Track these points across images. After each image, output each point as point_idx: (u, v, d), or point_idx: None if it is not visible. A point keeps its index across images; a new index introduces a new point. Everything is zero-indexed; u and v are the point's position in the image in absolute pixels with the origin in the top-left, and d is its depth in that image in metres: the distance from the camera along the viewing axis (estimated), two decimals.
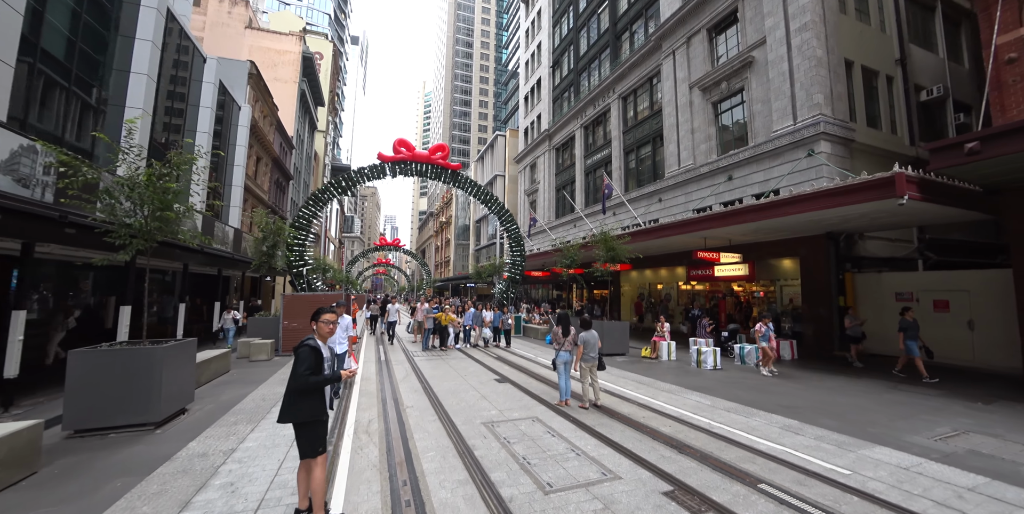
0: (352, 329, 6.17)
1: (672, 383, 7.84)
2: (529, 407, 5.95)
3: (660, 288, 20.11)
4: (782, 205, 9.59)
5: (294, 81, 35.01)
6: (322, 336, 3.15)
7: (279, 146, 29.42)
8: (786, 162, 13.40)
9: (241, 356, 10.18)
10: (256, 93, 23.73)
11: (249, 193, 22.57)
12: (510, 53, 62.18)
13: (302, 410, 2.89)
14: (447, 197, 69.22)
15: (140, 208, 5.26)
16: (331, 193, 16.16)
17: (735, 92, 15.80)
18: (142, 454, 4.13)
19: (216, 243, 11.50)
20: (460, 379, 7.88)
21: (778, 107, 13.76)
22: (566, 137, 29.23)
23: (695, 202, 17.07)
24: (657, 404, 6.24)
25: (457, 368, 9.04)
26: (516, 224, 19.08)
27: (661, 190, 19.20)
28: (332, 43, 54.29)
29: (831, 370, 9.48)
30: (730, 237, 13.62)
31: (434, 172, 17.76)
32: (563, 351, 6.03)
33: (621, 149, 22.95)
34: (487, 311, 12.92)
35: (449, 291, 53.30)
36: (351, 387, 7.11)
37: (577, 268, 15.31)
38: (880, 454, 4.28)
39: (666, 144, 19.13)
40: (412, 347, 12.49)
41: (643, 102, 21.87)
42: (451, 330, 12.22)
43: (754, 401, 6.53)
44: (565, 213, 29.00)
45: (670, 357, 11.18)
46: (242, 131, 21.17)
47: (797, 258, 12.99)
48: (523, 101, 38.36)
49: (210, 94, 17.04)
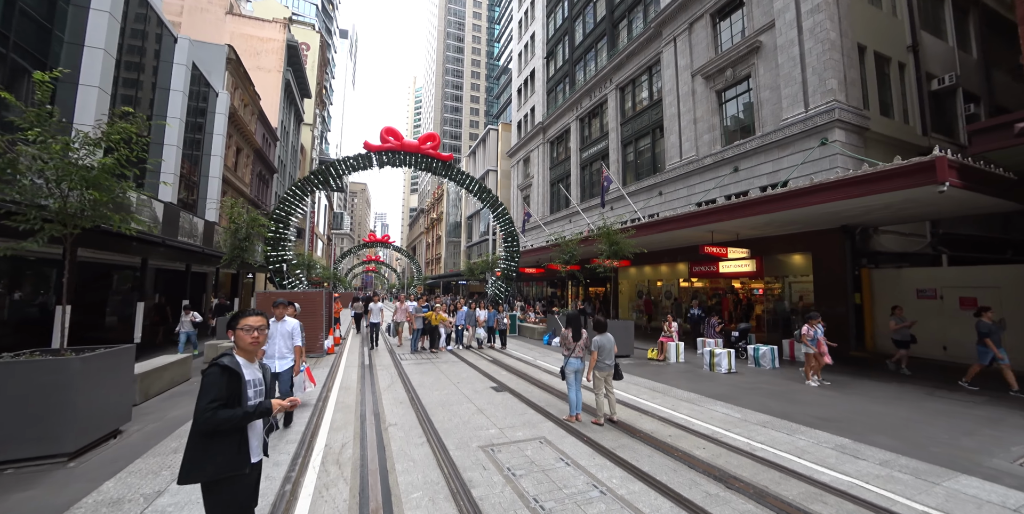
0: (299, 338, 4.94)
1: (689, 390, 7.03)
2: (534, 424, 5.08)
3: (660, 285, 19.39)
4: (803, 194, 8.82)
5: (278, 70, 33.57)
6: (244, 350, 2.24)
7: (262, 137, 28.08)
8: (797, 152, 12.69)
9: (207, 361, 9.13)
10: (235, 80, 22.41)
11: (228, 185, 21.33)
12: (502, 46, 61.09)
13: (206, 465, 1.95)
14: (438, 193, 68.01)
15: (56, 186, 4.25)
16: (314, 184, 15.10)
17: (740, 79, 15.05)
18: (30, 503, 3.13)
19: (182, 236, 10.41)
20: (452, 387, 6.98)
21: (788, 94, 13.03)
22: (561, 130, 28.35)
23: (698, 195, 16.33)
24: (681, 418, 5.41)
25: (449, 374, 8.14)
26: (511, 218, 18.17)
27: (661, 183, 18.44)
28: (319, 34, 52.67)
29: (853, 373, 8.77)
30: (738, 231, 12.90)
31: (424, 163, 16.76)
32: (573, 358, 5.17)
33: (619, 141, 22.15)
34: (481, 310, 12.01)
35: (440, 288, 52.26)
36: (326, 400, 6.16)
37: (574, 265, 14.49)
38: (971, 487, 3.50)
39: (667, 135, 18.36)
40: (401, 350, 11.55)
41: (642, 92, 21.07)
42: (442, 330, 11.29)
43: (787, 413, 5.75)
44: (560, 208, 28.16)
45: (679, 359, 10.41)
46: (219, 119, 19.92)
47: (809, 253, 12.30)
48: (516, 94, 37.38)
49: (182, 77, 15.79)
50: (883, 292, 11.04)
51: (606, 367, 5.11)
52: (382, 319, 11.55)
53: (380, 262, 57.29)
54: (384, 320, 11.81)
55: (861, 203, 8.62)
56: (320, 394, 6.44)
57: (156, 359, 7.18)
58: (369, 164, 16.02)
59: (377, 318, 11.68)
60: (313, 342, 10.02)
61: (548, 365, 9.42)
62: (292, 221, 14.57)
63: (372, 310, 11.83)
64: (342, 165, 15.60)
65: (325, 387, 6.89)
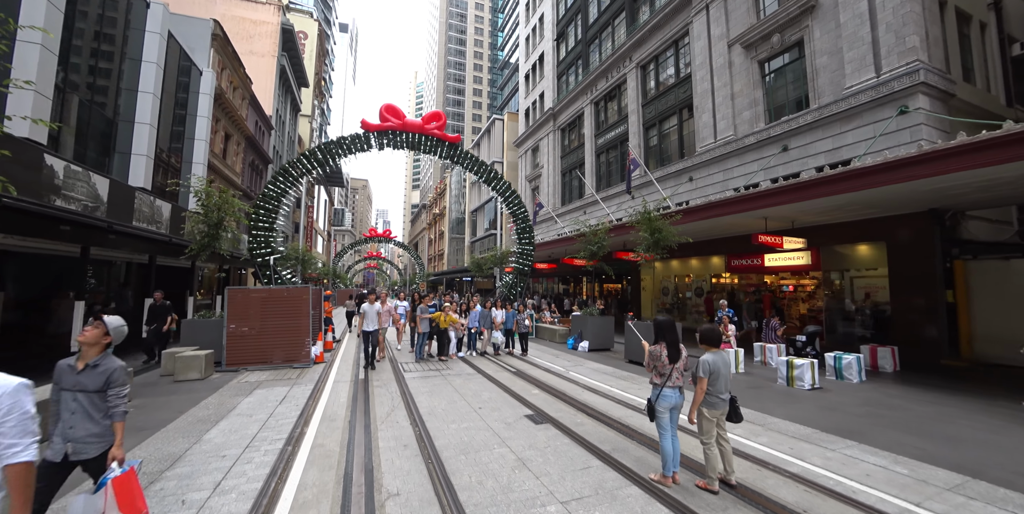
0: None
1: (790, 419, 5.26)
2: (612, 490, 3.32)
3: (689, 281, 17.57)
4: (903, 166, 6.98)
5: (272, 55, 31.72)
6: None
7: (254, 125, 26.32)
8: (865, 124, 10.84)
9: (165, 373, 7.40)
10: (223, 59, 20.60)
11: (216, 173, 19.57)
12: (507, 34, 59.10)
13: None
14: (440, 188, 66.18)
15: None
16: (304, 166, 13.33)
17: (790, 46, 13.15)
18: None
19: (140, 221, 8.65)
20: (473, 415, 5.22)
21: (853, 57, 11.15)
22: (573, 115, 26.47)
23: (737, 179, 14.49)
24: (823, 476, 3.63)
25: (465, 392, 6.38)
26: (524, 208, 16.38)
27: (691, 168, 16.60)
28: (317, 22, 50.83)
29: (961, 389, 6.97)
30: (796, 217, 11.11)
31: (429, 145, 14.94)
32: (669, 388, 3.39)
33: (640, 124, 20.27)
34: (497, 309, 10.23)
35: (443, 285, 50.54)
36: (298, 442, 4.38)
37: (598, 258, 12.67)
38: None
39: (697, 114, 16.49)
40: (404, 356, 9.78)
41: (666, 69, 19.17)
42: (452, 334, 9.53)
43: (963, 461, 3.98)
44: (573, 199, 26.34)
45: (738, 369, 8.63)
46: (204, 99, 18.12)
47: (882, 242, 10.47)
48: (523, 80, 35.46)
49: (155, 46, 13.94)
50: (983, 288, 9.21)
51: (720, 403, 3.33)
52: (380, 325, 8.74)
53: (382, 258, 55.58)
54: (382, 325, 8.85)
55: (979, 175, 6.82)
56: (293, 430, 4.68)
57: None
58: (367, 145, 14.22)
59: (374, 324, 8.56)
60: (297, 350, 8.28)
61: (586, 379, 7.65)
62: (280, 209, 12.84)
63: (366, 313, 8.59)
64: (337, 146, 13.83)
65: (303, 416, 5.13)
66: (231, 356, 8.00)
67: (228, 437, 4.34)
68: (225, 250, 8.80)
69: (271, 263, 12.19)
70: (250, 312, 8.18)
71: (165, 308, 8.54)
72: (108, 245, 8.06)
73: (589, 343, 11.26)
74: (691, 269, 17.29)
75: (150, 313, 8.58)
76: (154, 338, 8.42)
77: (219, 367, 7.97)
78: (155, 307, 8.55)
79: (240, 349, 8.05)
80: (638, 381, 7.53)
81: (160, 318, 8.48)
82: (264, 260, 12.07)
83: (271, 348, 8.24)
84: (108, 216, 7.34)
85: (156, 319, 8.46)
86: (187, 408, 5.43)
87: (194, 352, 7.39)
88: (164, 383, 6.93)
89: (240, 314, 8.11)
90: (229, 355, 7.99)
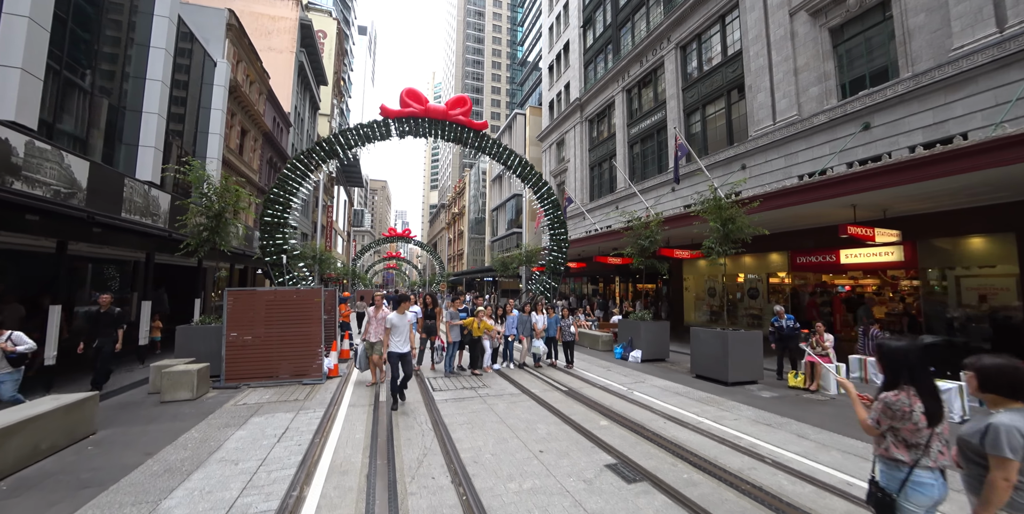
0: None
1: None
2: None
3: (740, 280, 15.75)
4: None
5: (291, 51, 31.12)
6: None
7: (272, 121, 25.62)
8: (980, 92, 8.97)
9: (153, 391, 6.22)
10: (238, 51, 19.79)
11: (232, 169, 18.73)
12: (527, 28, 57.74)
13: None
14: (459, 187, 65.21)
15: None
16: (320, 156, 12.22)
17: (871, 6, 11.29)
18: None
19: (133, 213, 7.54)
20: (535, 466, 3.79)
21: (963, 12, 9.28)
22: (602, 105, 24.84)
23: (803, 165, 12.70)
24: None
25: (516, 425, 4.95)
26: (557, 201, 14.92)
27: (744, 154, 14.83)
28: (336, 21, 50.56)
29: None
30: (889, 205, 9.36)
31: (452, 133, 13.66)
32: (925, 470, 1.88)
33: (679, 110, 18.53)
34: (538, 314, 8.78)
35: (463, 285, 49.40)
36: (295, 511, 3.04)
37: (643, 254, 11.04)
38: None
39: (752, 94, 14.71)
40: (430, 372, 8.39)
41: (711, 48, 17.39)
42: (487, 344, 8.12)
43: None
44: (603, 193, 24.70)
45: (840, 390, 6.95)
46: (218, 91, 17.28)
47: (1010, 233, 8.58)
48: (547, 71, 33.96)
49: (164, 31, 12.99)
50: None
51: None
52: (412, 340, 5.99)
53: (401, 259, 54.87)
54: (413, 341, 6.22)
55: None
56: (289, 491, 3.33)
57: (43, 400, 4.24)
58: (387, 133, 13.02)
59: (406, 343, 5.71)
60: (307, 363, 7.01)
61: (658, 402, 6.13)
62: (293, 203, 11.74)
63: (395, 326, 5.69)
64: (354, 133, 12.67)
65: (306, 465, 3.79)
66: (231, 369, 6.78)
67: (196, 506, 3.03)
68: (227, 246, 7.62)
69: (284, 262, 11.08)
70: (253, 317, 6.96)
71: (113, 318, 6.13)
72: (95, 240, 6.98)
73: (642, 353, 9.71)
74: (742, 267, 15.47)
75: (92, 325, 6.13)
76: (102, 359, 5.99)
77: (217, 381, 6.77)
78: (100, 316, 6.10)
79: (241, 361, 6.83)
80: (724, 405, 5.98)
81: (106, 331, 6.04)
82: (276, 258, 10.97)
83: (277, 360, 7.00)
84: (89, 205, 6.23)
85: (100, 333, 6.02)
86: (160, 446, 4.17)
87: (186, 366, 6.19)
88: (147, 405, 5.74)
89: (242, 320, 6.89)
90: (229, 368, 6.77)
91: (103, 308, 6.13)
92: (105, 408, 5.66)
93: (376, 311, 7.15)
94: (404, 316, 5.81)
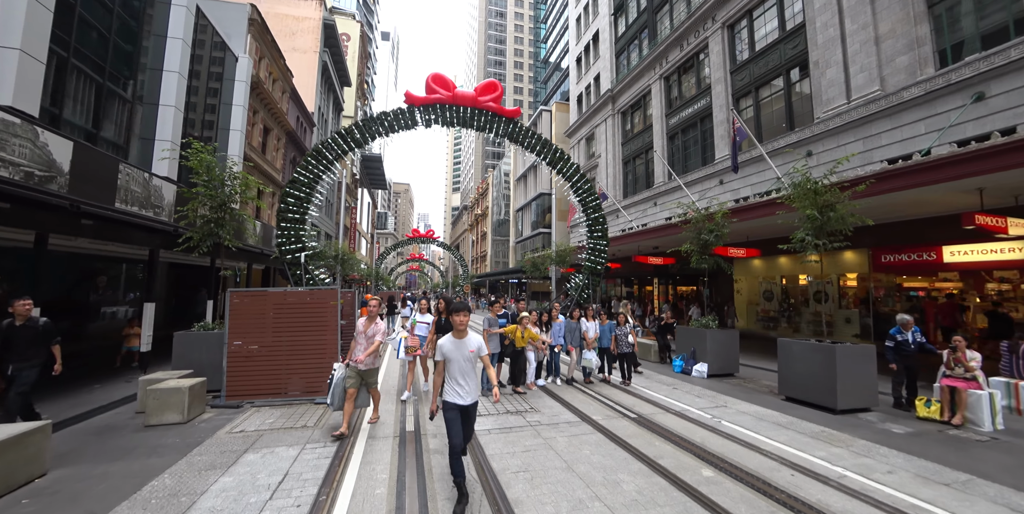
0: None
1: None
2: None
3: (804, 282, 13.95)
4: None
5: (314, 51, 30.89)
6: None
7: (295, 120, 25.22)
8: None
9: (140, 409, 5.22)
10: (261, 47, 19.30)
11: (254, 168, 18.17)
12: (551, 24, 56.58)
13: None
14: (482, 188, 64.38)
15: None
16: (340, 147, 11.28)
17: None
18: None
19: (129, 203, 6.65)
20: None
21: None
22: (636, 95, 23.29)
23: (889, 148, 10.91)
24: None
25: (591, 476, 3.62)
26: (595, 194, 13.57)
27: (809, 139, 13.09)
28: (360, 24, 50.67)
29: None
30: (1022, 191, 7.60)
31: (482, 121, 12.49)
32: None
33: (727, 95, 16.86)
34: (588, 321, 7.44)
35: (486, 287, 48.32)
36: None
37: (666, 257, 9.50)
38: None
39: (818, 71, 12.97)
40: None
41: (765, 23, 15.67)
42: (531, 356, 6.85)
43: None
44: (638, 189, 23.11)
45: (996, 424, 5.34)
46: (239, 87, 16.73)
47: None
48: (574, 64, 32.58)
49: (181, 20, 12.36)
50: None
51: None
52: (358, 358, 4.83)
53: (424, 260, 54.32)
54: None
55: None
56: None
57: None
58: (412, 122, 11.96)
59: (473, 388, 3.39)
60: (321, 378, 5.89)
61: (765, 439, 4.71)
62: (313, 198, 10.82)
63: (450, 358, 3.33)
64: (377, 123, 11.67)
65: None
66: (233, 384, 5.74)
67: None
68: (232, 242, 6.63)
69: (302, 261, 10.13)
70: (260, 323, 5.91)
71: (36, 333, 4.40)
72: (87, 234, 6.11)
73: (708, 366, 8.22)
74: (809, 268, 13.65)
75: (1, 343, 4.29)
76: (16, 388, 4.27)
77: (217, 398, 5.74)
78: (17, 331, 4.32)
79: (245, 375, 5.78)
80: (855, 446, 4.51)
81: (25, 353, 4.31)
82: (294, 257, 10.05)
83: (287, 374, 5.92)
84: (72, 192, 5.32)
85: (27, 351, 4.32)
86: (113, 504, 3.07)
87: (178, 381, 5.16)
88: (129, 430, 4.72)
89: (247, 326, 5.85)
90: (230, 383, 5.73)
91: (20, 318, 4.34)
92: (81, 432, 4.69)
93: (368, 324, 5.01)
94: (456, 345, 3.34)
